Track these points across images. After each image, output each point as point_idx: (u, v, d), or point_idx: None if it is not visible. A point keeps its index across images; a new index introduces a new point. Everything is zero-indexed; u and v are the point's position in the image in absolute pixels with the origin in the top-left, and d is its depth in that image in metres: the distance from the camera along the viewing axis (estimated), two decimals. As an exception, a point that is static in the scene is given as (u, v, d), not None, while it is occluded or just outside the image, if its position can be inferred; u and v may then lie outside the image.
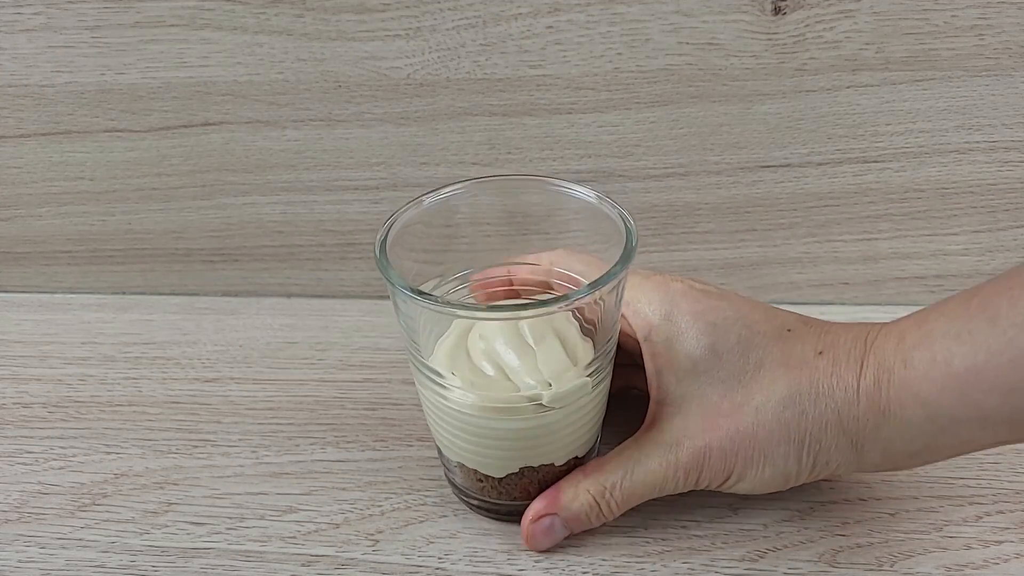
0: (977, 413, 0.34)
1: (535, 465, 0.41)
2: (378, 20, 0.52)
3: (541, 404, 0.39)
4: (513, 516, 0.42)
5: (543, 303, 0.37)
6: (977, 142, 0.52)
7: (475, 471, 0.41)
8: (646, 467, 0.39)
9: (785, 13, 0.49)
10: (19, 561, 0.42)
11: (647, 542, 0.42)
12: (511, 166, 0.55)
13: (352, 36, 0.52)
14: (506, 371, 0.40)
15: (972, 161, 0.52)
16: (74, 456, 0.48)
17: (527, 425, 0.39)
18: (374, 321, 0.57)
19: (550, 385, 0.39)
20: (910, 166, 0.53)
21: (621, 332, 0.42)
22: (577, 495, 0.40)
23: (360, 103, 0.54)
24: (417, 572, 0.41)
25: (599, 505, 0.40)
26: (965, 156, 0.52)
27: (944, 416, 0.35)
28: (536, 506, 0.41)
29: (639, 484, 0.40)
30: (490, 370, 0.40)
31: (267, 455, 0.48)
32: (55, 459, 0.48)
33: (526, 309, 0.38)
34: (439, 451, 0.43)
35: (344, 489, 0.45)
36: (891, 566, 0.40)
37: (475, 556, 0.42)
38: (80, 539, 0.43)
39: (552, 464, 0.41)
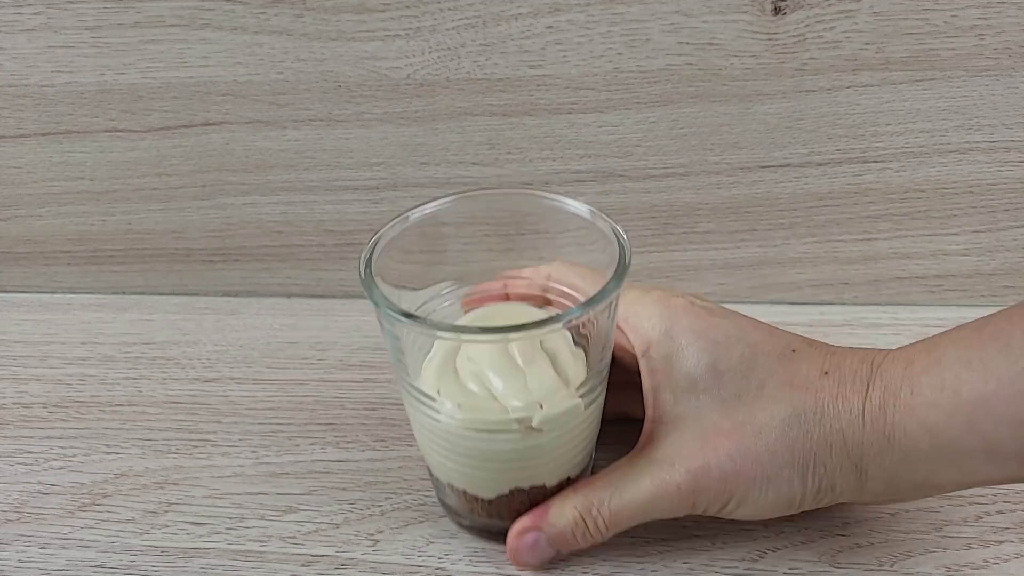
0: (984, 445, 0.33)
1: (526, 487, 0.40)
2: (378, 20, 0.52)
3: (531, 427, 0.37)
4: (505, 537, 0.41)
5: (534, 324, 0.36)
6: (977, 142, 0.52)
7: (464, 492, 0.40)
8: (637, 486, 0.38)
9: (785, 13, 0.49)
10: (19, 561, 0.42)
11: (647, 542, 0.42)
12: (511, 166, 0.55)
13: (352, 36, 0.52)
14: (495, 392, 0.38)
15: (972, 161, 0.52)
16: (74, 456, 0.48)
17: (517, 447, 0.38)
18: (374, 321, 0.57)
19: (540, 407, 0.38)
20: (910, 166, 0.53)
21: (620, 347, 0.41)
22: (563, 511, 0.39)
23: (360, 103, 0.54)
24: (417, 572, 0.41)
25: (585, 522, 0.39)
26: (965, 156, 0.52)
27: (950, 446, 0.34)
28: (523, 521, 0.39)
29: (628, 503, 0.38)
30: (478, 390, 0.39)
31: (267, 455, 0.48)
32: (55, 459, 0.48)
33: (516, 331, 0.36)
34: (429, 472, 0.43)
35: (344, 489, 0.45)
36: (891, 566, 0.40)
37: (475, 556, 0.42)
38: (80, 539, 0.43)
39: (543, 485, 0.40)
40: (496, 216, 0.43)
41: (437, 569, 0.41)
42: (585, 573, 0.40)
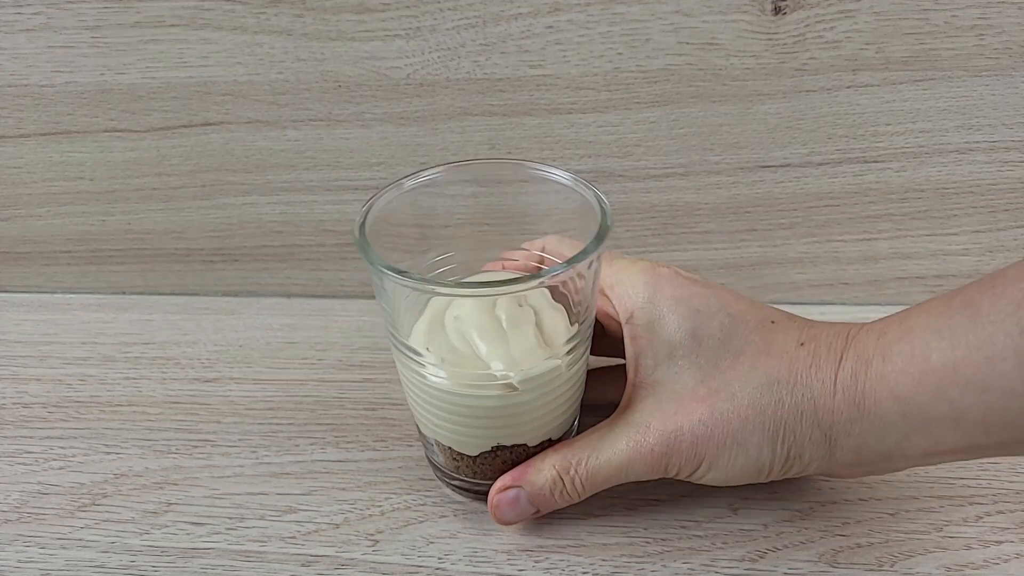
0: (951, 411, 0.34)
1: (508, 444, 0.41)
2: (378, 20, 0.52)
3: (511, 384, 0.39)
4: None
5: (517, 280, 0.37)
6: (977, 142, 0.52)
7: (451, 449, 0.42)
8: (613, 447, 0.39)
9: (785, 13, 0.49)
10: (19, 561, 0.42)
11: (647, 542, 0.42)
12: (511, 166, 0.55)
13: (352, 36, 0.52)
14: (478, 350, 0.40)
15: (972, 161, 0.52)
16: (74, 456, 0.48)
17: (498, 404, 0.39)
18: (374, 321, 0.57)
19: (521, 366, 0.39)
20: (910, 166, 0.53)
21: (605, 315, 0.42)
22: (542, 469, 0.40)
23: (360, 103, 0.54)
24: (417, 572, 0.41)
25: (563, 480, 0.40)
26: (965, 156, 0.52)
27: (917, 413, 0.35)
28: (504, 479, 0.41)
29: (604, 464, 0.39)
30: (463, 348, 0.40)
31: (267, 455, 0.48)
32: (55, 459, 0.48)
33: (500, 286, 0.38)
34: (418, 429, 0.44)
35: (344, 489, 0.45)
36: (891, 566, 0.40)
37: (475, 556, 0.42)
38: (80, 539, 0.43)
39: (525, 445, 0.41)
40: (486, 184, 0.45)
41: (437, 569, 0.41)
42: (585, 573, 0.40)
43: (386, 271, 0.38)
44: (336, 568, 0.41)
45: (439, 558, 0.42)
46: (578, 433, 0.44)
